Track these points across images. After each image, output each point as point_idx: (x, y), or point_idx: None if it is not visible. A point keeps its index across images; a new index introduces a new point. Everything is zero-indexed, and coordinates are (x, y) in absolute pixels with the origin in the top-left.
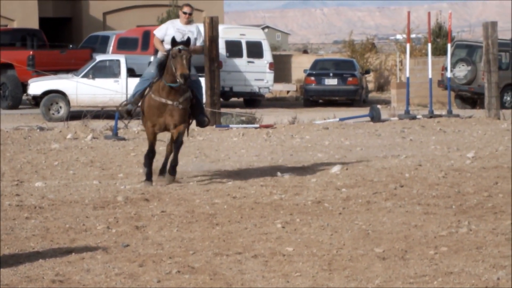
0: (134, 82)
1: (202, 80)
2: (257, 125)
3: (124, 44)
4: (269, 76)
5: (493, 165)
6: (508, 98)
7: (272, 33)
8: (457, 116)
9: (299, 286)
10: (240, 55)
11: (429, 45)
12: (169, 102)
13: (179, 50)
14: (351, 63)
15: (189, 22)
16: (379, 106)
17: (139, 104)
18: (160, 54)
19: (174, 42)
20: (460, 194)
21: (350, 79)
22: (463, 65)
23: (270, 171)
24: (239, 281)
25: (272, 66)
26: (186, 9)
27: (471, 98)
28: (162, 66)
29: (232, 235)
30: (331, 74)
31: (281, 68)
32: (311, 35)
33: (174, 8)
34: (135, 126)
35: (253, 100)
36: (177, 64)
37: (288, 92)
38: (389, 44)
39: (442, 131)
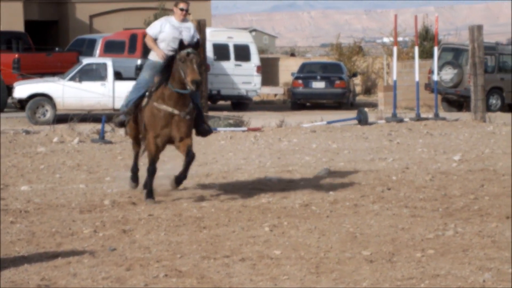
0: (121, 85)
1: None
2: (245, 128)
3: (111, 47)
4: (257, 79)
5: (479, 168)
6: (494, 101)
7: (259, 36)
8: (444, 119)
9: None
10: (227, 58)
11: (416, 48)
12: (176, 112)
13: (188, 54)
14: (338, 66)
15: (185, 19)
16: (366, 109)
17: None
18: (153, 55)
19: (182, 44)
20: (447, 197)
21: (337, 82)
22: (449, 68)
23: (258, 174)
24: (227, 285)
25: (259, 69)
26: (182, 5)
27: (457, 101)
28: (165, 70)
29: (220, 238)
30: (318, 77)
31: (268, 71)
32: (298, 38)
33: (161, 11)
34: (122, 129)
35: (240, 103)
36: (187, 69)
37: (275, 95)
38: (376, 47)
39: (429, 134)
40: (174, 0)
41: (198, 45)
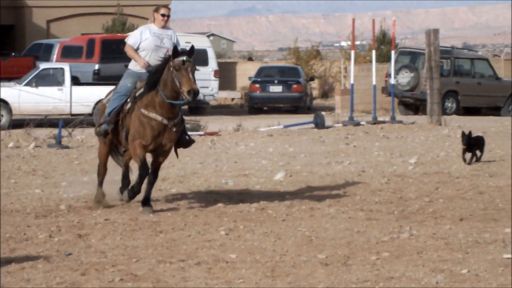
0: (78, 90)
1: None
2: (202, 133)
3: (69, 52)
4: (214, 83)
5: (435, 171)
6: (450, 104)
7: (217, 41)
8: (400, 122)
9: None
10: None
11: (373, 52)
12: (165, 121)
13: (183, 62)
14: (295, 70)
15: (166, 26)
16: (323, 113)
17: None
18: (132, 65)
19: (176, 52)
20: (402, 200)
21: (294, 86)
22: (406, 72)
23: (214, 178)
24: None
25: (217, 73)
26: (163, 11)
27: (414, 105)
28: (152, 78)
29: (176, 242)
30: (275, 81)
31: (226, 76)
32: (256, 42)
33: (119, 16)
34: (79, 134)
35: (198, 107)
36: (183, 78)
37: (233, 99)
38: (333, 51)
39: (386, 137)
40: (154, 6)
41: (193, 52)
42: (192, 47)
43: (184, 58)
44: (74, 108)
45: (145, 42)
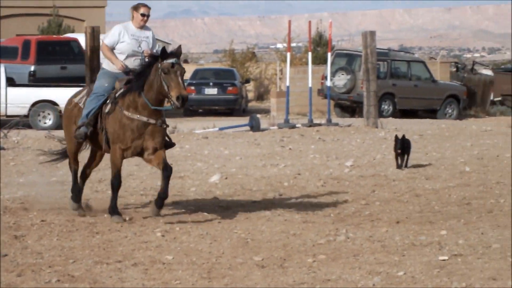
0: (13, 91)
1: None
2: None
3: (4, 53)
4: None
5: (371, 174)
6: (386, 107)
7: None
8: (336, 124)
9: None
10: None
11: (310, 54)
12: (152, 121)
13: (172, 65)
14: (231, 73)
15: (145, 26)
16: (258, 115)
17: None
18: (108, 65)
19: (164, 53)
20: (338, 203)
21: (230, 88)
22: (342, 74)
23: (150, 181)
24: None
25: None
26: (143, 10)
27: (350, 107)
28: (140, 80)
29: (112, 243)
30: (211, 84)
31: None
32: (191, 44)
33: (55, 18)
34: (15, 135)
35: None
36: (171, 82)
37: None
38: (269, 53)
39: (321, 140)
40: (133, 3)
41: (181, 54)
42: (179, 47)
43: (174, 60)
44: (10, 109)
45: (122, 45)
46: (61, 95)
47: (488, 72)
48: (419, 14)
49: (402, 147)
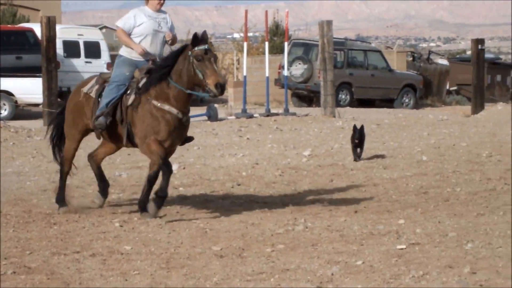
0: None
1: None
2: None
3: None
4: None
5: (329, 163)
6: (343, 96)
7: (110, 33)
8: (294, 114)
9: (137, 285)
10: (77, 55)
11: (266, 43)
12: (180, 115)
13: (206, 51)
14: None
15: (161, 9)
16: (216, 105)
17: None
18: (126, 51)
19: (196, 39)
20: (297, 192)
21: None
22: (299, 64)
23: (108, 170)
24: (77, 280)
25: (110, 66)
26: None
27: (307, 96)
28: (165, 69)
29: (70, 234)
30: None
31: None
32: None
33: (9, 7)
34: None
35: None
36: (207, 70)
37: None
38: (226, 43)
39: (279, 129)
40: None
41: (207, 38)
42: (205, 32)
43: (206, 46)
44: None
45: (141, 27)
46: (17, 85)
47: (443, 61)
48: (376, 4)
49: (360, 137)
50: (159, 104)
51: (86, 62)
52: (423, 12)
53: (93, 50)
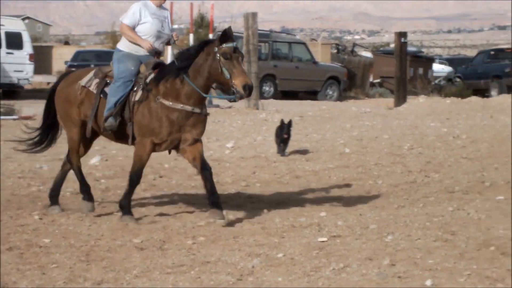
0: None
1: None
2: (16, 117)
3: None
4: (29, 67)
5: (251, 155)
6: (267, 88)
7: (32, 24)
8: (217, 106)
9: (55, 278)
10: None
11: (191, 35)
12: (197, 110)
13: (234, 49)
14: (112, 54)
15: (163, 5)
16: None
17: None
18: (125, 46)
19: (225, 35)
20: (219, 184)
21: None
22: None
23: (29, 163)
24: None
25: (32, 57)
26: None
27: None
28: (185, 64)
29: None
30: (92, 66)
31: (41, 60)
32: (73, 26)
33: None
34: None
35: (12, 91)
36: (234, 69)
37: (48, 83)
38: None
39: None
40: None
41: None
42: (230, 28)
43: (234, 44)
44: None
45: (145, 26)
46: None
47: (367, 54)
48: None
49: (288, 132)
50: (169, 103)
51: (8, 53)
52: (348, 5)
53: (14, 41)
